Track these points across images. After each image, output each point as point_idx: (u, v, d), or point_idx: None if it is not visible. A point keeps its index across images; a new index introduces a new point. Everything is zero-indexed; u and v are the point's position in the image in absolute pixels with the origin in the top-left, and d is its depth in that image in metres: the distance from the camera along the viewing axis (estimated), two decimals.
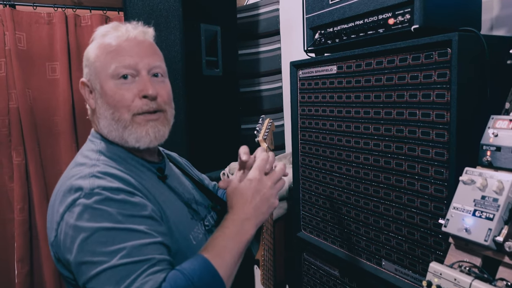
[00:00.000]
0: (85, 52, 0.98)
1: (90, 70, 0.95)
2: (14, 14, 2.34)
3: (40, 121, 2.47)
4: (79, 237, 0.75)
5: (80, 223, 0.76)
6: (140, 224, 0.78)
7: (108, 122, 0.93)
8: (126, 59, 0.92)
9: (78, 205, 0.78)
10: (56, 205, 0.84)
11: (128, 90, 0.92)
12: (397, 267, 1.28)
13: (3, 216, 2.44)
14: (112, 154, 0.92)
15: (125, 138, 0.93)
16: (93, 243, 0.74)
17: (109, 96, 0.92)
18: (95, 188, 0.79)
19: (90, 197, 0.78)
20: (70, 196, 0.80)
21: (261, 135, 1.40)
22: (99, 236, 0.75)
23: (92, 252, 0.74)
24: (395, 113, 1.22)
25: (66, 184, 0.84)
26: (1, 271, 2.45)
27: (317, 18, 1.49)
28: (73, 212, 0.78)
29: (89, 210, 0.77)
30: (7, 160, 2.41)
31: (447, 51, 1.04)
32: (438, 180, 1.11)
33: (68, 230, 0.78)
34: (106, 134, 0.95)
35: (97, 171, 0.84)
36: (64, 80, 2.48)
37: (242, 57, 2.72)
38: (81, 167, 0.87)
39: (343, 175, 1.46)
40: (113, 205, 0.78)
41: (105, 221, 0.76)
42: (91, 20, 2.54)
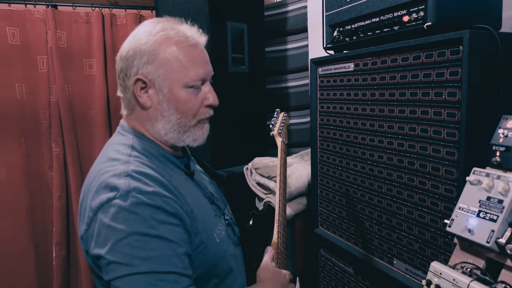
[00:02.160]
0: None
1: (156, 70, 0.91)
2: (55, 14, 2.49)
3: (77, 115, 2.62)
4: (112, 237, 0.78)
5: (114, 224, 0.78)
6: (171, 232, 0.81)
7: (170, 125, 0.94)
8: (200, 71, 0.94)
9: (114, 205, 0.79)
10: (88, 199, 0.85)
11: (196, 99, 0.95)
12: (408, 266, 1.27)
13: (43, 203, 2.62)
14: (143, 150, 0.93)
15: (183, 139, 0.96)
16: (126, 245, 0.77)
17: (181, 103, 0.93)
18: (131, 191, 0.80)
19: (126, 199, 0.79)
20: (104, 194, 0.81)
21: (276, 129, 1.42)
22: (132, 240, 0.77)
23: (123, 254, 0.77)
24: (408, 111, 1.21)
25: (99, 180, 0.85)
26: (41, 253, 2.63)
27: (335, 16, 1.50)
28: (107, 212, 0.79)
29: (124, 212, 0.78)
30: (47, 151, 2.58)
31: (459, 49, 1.02)
32: (448, 180, 1.10)
33: (101, 228, 0.79)
34: (159, 133, 0.95)
35: (132, 170, 0.84)
36: (100, 76, 2.61)
37: (269, 54, 2.75)
38: (114, 163, 0.87)
39: (358, 172, 1.46)
40: (148, 210, 0.79)
41: (139, 225, 0.78)
42: (126, 19, 2.66)
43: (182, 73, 0.92)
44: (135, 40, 0.92)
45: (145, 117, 0.95)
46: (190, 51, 0.93)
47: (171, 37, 0.92)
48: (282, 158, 1.37)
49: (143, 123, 0.96)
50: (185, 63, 0.92)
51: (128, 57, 0.92)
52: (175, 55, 0.91)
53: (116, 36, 2.67)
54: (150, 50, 0.90)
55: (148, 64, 0.91)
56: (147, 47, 0.90)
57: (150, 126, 0.95)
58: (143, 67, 0.91)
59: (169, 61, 0.91)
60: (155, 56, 0.90)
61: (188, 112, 0.94)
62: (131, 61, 0.92)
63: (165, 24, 0.94)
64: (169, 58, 0.91)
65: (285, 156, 1.39)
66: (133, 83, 0.92)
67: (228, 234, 1.04)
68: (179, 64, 0.91)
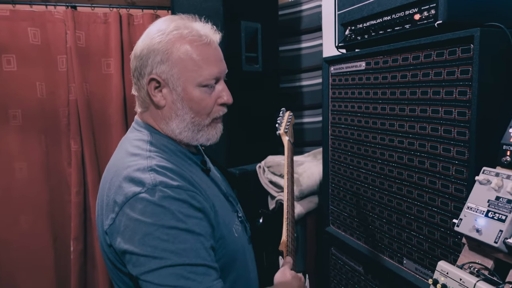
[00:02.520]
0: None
1: (170, 69, 0.91)
2: (75, 14, 2.55)
3: (95, 113, 2.69)
4: (141, 231, 0.78)
5: (142, 218, 0.78)
6: (198, 226, 0.82)
7: (184, 124, 0.94)
8: (214, 69, 0.93)
9: (141, 199, 0.79)
10: (111, 193, 0.85)
11: (210, 97, 0.95)
12: (418, 266, 1.26)
13: (62, 198, 2.69)
14: (161, 145, 0.93)
15: (197, 138, 0.97)
16: (155, 239, 0.77)
17: (195, 102, 0.93)
18: (158, 185, 0.80)
19: (153, 193, 0.79)
20: (129, 188, 0.81)
21: (282, 128, 1.43)
22: (162, 233, 0.77)
23: (154, 247, 0.77)
24: (419, 110, 1.20)
25: (122, 174, 0.85)
26: (60, 247, 2.71)
27: (347, 14, 1.50)
28: (134, 206, 0.79)
29: (152, 206, 0.78)
30: (66, 148, 2.65)
31: (470, 47, 1.01)
32: (459, 179, 1.09)
33: (128, 223, 0.79)
34: (174, 132, 0.95)
35: (155, 165, 0.85)
36: (117, 75, 2.67)
37: (283, 53, 2.75)
38: (136, 158, 0.88)
39: (369, 171, 1.46)
40: (175, 203, 0.80)
41: (167, 219, 0.78)
42: (142, 19, 2.70)
43: (196, 72, 0.91)
44: (148, 39, 0.92)
45: (160, 115, 0.96)
46: (203, 49, 0.92)
47: (185, 36, 0.91)
48: (289, 156, 1.38)
49: (157, 121, 0.97)
50: (198, 62, 0.91)
51: (142, 56, 0.92)
52: (189, 54, 0.91)
53: (133, 35, 2.72)
54: (164, 50, 0.90)
55: (161, 64, 0.91)
56: (161, 46, 0.90)
57: (165, 125, 0.96)
58: (157, 67, 0.91)
59: (182, 60, 0.90)
60: (169, 56, 0.90)
61: (202, 111, 0.94)
62: (145, 60, 0.92)
63: (179, 22, 0.94)
64: (183, 57, 0.90)
65: (291, 155, 1.40)
66: (147, 83, 0.93)
67: (242, 230, 1.05)
68: (192, 63, 0.91)
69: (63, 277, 2.72)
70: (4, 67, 2.47)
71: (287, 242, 1.20)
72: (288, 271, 1.06)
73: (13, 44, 2.47)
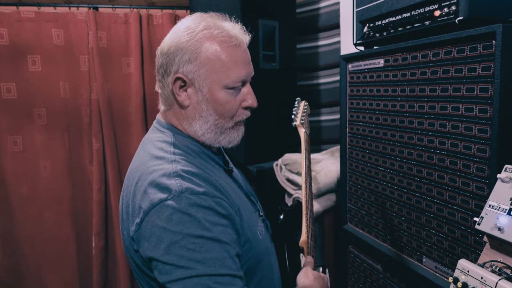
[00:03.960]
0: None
1: (198, 69, 0.89)
2: (96, 15, 2.61)
3: (116, 111, 2.74)
4: (167, 239, 0.77)
5: (169, 226, 0.77)
6: (223, 234, 0.81)
7: (207, 126, 0.93)
8: (241, 72, 0.91)
9: (167, 207, 0.78)
10: (137, 198, 0.84)
11: (235, 100, 0.93)
12: (437, 264, 1.25)
13: (84, 195, 2.76)
14: (185, 147, 0.92)
15: (219, 141, 0.95)
16: (181, 248, 0.76)
17: (220, 104, 0.91)
18: (184, 191, 0.79)
19: (179, 201, 0.78)
20: (155, 194, 0.80)
21: (298, 119, 1.37)
22: (188, 242, 0.77)
23: (180, 256, 0.76)
24: (439, 107, 1.19)
25: (147, 179, 0.84)
26: (82, 243, 2.78)
27: (366, 12, 1.49)
28: (161, 213, 0.78)
29: (179, 214, 0.78)
30: (88, 146, 2.71)
31: (492, 43, 1.00)
32: (480, 177, 1.08)
33: (154, 230, 0.79)
34: (196, 133, 0.94)
35: (181, 170, 0.83)
36: (137, 75, 2.72)
37: (301, 51, 2.75)
38: (160, 162, 0.86)
39: (387, 169, 1.45)
40: (201, 211, 0.79)
41: (194, 227, 0.77)
42: (162, 19, 2.74)
43: (223, 74, 0.90)
44: (177, 36, 0.90)
45: (183, 115, 0.94)
46: (232, 51, 0.90)
47: (215, 36, 0.89)
48: (306, 149, 1.34)
49: (181, 121, 0.95)
50: (227, 64, 0.89)
51: (169, 53, 0.90)
52: (218, 55, 0.89)
53: (152, 35, 2.77)
54: (193, 49, 0.88)
55: (189, 63, 0.89)
56: (189, 45, 0.88)
57: (188, 125, 0.94)
58: (184, 65, 0.89)
59: (211, 61, 0.89)
60: (197, 55, 0.88)
61: (227, 114, 0.93)
62: (172, 57, 0.90)
63: (209, 21, 0.91)
64: (211, 58, 0.89)
65: (309, 148, 1.36)
66: (172, 81, 0.91)
67: (265, 231, 1.05)
68: (221, 64, 0.89)
69: (86, 271, 2.79)
70: (30, 67, 2.55)
71: (307, 239, 1.19)
72: (310, 272, 1.04)
73: (38, 45, 2.54)
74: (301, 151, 1.34)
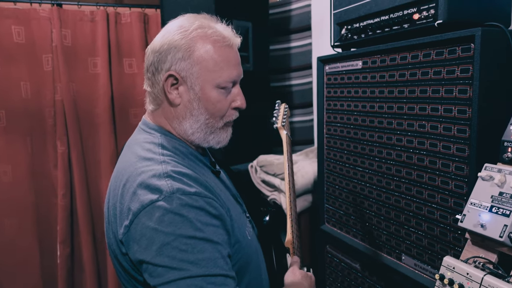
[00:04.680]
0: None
1: (191, 67, 0.89)
2: (60, 12, 2.49)
3: (82, 113, 2.62)
4: (159, 240, 0.76)
5: (160, 227, 0.76)
6: (215, 234, 0.80)
7: (198, 125, 0.93)
8: (233, 72, 0.93)
9: (158, 208, 0.77)
10: (125, 200, 0.83)
11: (226, 100, 0.94)
12: (417, 262, 1.28)
13: (48, 201, 2.62)
14: (173, 148, 0.92)
15: (208, 140, 0.96)
16: (174, 249, 0.75)
17: (211, 103, 0.92)
18: (175, 192, 0.79)
19: (171, 201, 0.77)
20: (145, 195, 0.79)
21: (280, 121, 1.40)
22: (180, 243, 0.76)
23: (172, 258, 0.75)
24: (418, 109, 1.22)
25: (136, 180, 0.82)
26: (46, 251, 2.64)
27: (344, 14, 1.51)
28: (151, 214, 0.77)
29: (170, 215, 0.77)
30: (52, 149, 2.58)
31: (470, 46, 1.04)
32: (459, 176, 1.11)
33: (145, 231, 0.77)
34: (186, 132, 0.94)
35: (171, 170, 0.83)
36: (104, 75, 2.61)
37: (273, 52, 2.76)
38: (149, 162, 0.85)
39: (366, 169, 1.47)
40: (193, 212, 0.78)
41: (186, 228, 0.76)
42: (130, 17, 2.66)
43: (216, 73, 0.90)
44: (169, 35, 0.90)
45: (173, 114, 0.94)
46: (225, 51, 0.91)
47: (208, 36, 0.90)
48: (288, 151, 1.35)
49: (170, 120, 0.95)
50: (220, 63, 0.90)
51: (161, 51, 0.90)
52: (211, 54, 0.89)
53: (120, 34, 2.68)
54: (186, 47, 0.88)
55: (182, 61, 0.89)
56: (183, 43, 0.89)
57: (177, 124, 0.94)
58: (177, 63, 0.89)
59: (204, 59, 0.89)
60: (191, 53, 0.89)
61: (217, 113, 0.94)
62: (164, 55, 0.90)
63: (202, 21, 0.92)
64: (205, 56, 0.89)
65: (290, 149, 1.38)
66: (164, 79, 0.90)
67: (253, 232, 1.05)
68: (214, 64, 0.90)
69: (50, 281, 2.65)
70: None
71: (293, 239, 1.20)
72: (297, 271, 1.06)
73: None
74: (283, 153, 1.35)
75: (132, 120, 2.74)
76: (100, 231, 2.73)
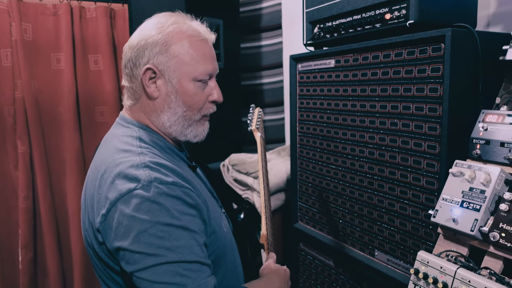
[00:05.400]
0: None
1: (168, 61, 0.92)
2: (20, 5, 2.36)
3: (44, 111, 2.50)
4: (136, 228, 0.77)
5: (137, 214, 0.77)
6: (191, 223, 0.82)
7: (175, 117, 0.95)
8: (209, 66, 0.96)
9: (136, 196, 0.78)
10: (102, 190, 0.84)
11: (203, 93, 0.97)
12: (389, 257, 1.31)
13: (8, 204, 2.48)
14: (151, 141, 0.93)
15: (185, 134, 0.98)
16: (151, 236, 0.77)
17: (188, 96, 0.94)
18: (153, 181, 0.80)
19: (148, 190, 0.79)
20: (123, 184, 0.80)
21: (254, 124, 1.44)
22: (157, 230, 0.77)
23: (149, 244, 0.76)
24: (390, 107, 1.24)
25: (114, 171, 0.83)
26: (6, 257, 2.49)
27: (316, 12, 1.52)
28: (129, 202, 0.78)
29: (148, 203, 0.78)
30: (12, 149, 2.44)
31: (440, 46, 1.06)
32: (430, 172, 1.14)
33: (122, 219, 0.78)
34: (164, 125, 0.96)
35: (149, 161, 0.84)
36: (68, 71, 2.50)
37: (244, 50, 2.74)
38: (127, 154, 0.86)
39: (339, 167, 1.49)
40: (170, 200, 0.80)
41: (162, 216, 0.78)
42: (96, 12, 2.56)
43: (192, 66, 0.93)
44: (146, 31, 0.93)
45: (151, 108, 0.96)
46: (201, 45, 0.95)
47: (184, 31, 0.94)
48: (263, 152, 1.39)
49: (148, 114, 0.97)
50: (196, 57, 0.93)
51: (139, 46, 0.93)
52: (187, 49, 0.93)
53: (85, 29, 2.57)
54: (163, 41, 0.92)
55: (160, 55, 0.92)
56: (159, 38, 0.92)
57: (156, 117, 0.96)
58: (154, 57, 0.92)
59: (180, 53, 0.92)
60: (168, 47, 0.92)
61: (194, 105, 0.96)
62: (141, 50, 0.92)
63: (178, 18, 0.96)
64: (181, 51, 0.92)
65: (264, 151, 1.42)
66: (142, 72, 0.93)
67: (228, 226, 1.07)
68: (190, 57, 0.93)
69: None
70: None
71: (267, 235, 1.21)
72: (273, 265, 1.10)
73: None
74: (258, 154, 1.38)
75: (98, 118, 2.65)
76: (65, 233, 2.63)
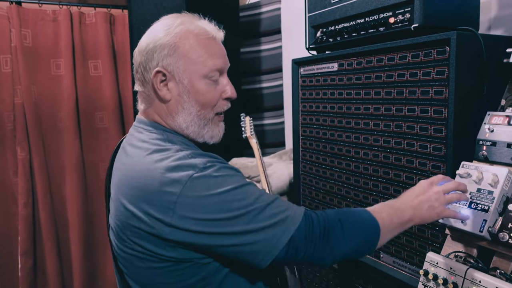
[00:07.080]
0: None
1: (176, 61, 0.92)
2: (20, 11, 2.36)
3: (44, 117, 2.50)
4: (216, 203, 0.80)
5: (210, 192, 0.80)
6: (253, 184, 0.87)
7: (191, 117, 0.95)
8: (218, 61, 0.96)
9: (198, 178, 0.80)
10: (155, 192, 0.82)
11: (215, 90, 0.97)
12: (395, 259, 1.31)
13: (8, 210, 2.47)
14: (178, 141, 0.94)
15: (202, 134, 0.98)
16: (233, 202, 0.80)
17: (201, 94, 0.94)
18: (207, 163, 0.83)
19: (206, 170, 0.82)
20: (180, 174, 0.81)
21: (248, 131, 1.47)
22: (234, 195, 0.81)
23: (237, 209, 0.80)
24: (395, 109, 1.25)
25: (158, 168, 0.83)
26: (5, 264, 2.48)
27: (319, 17, 1.53)
28: (195, 186, 0.80)
29: (213, 179, 0.81)
30: (11, 155, 2.43)
31: (445, 49, 1.08)
32: (436, 174, 1.15)
33: (195, 202, 0.80)
34: (181, 127, 0.96)
35: (192, 152, 0.86)
36: (68, 77, 2.50)
37: (244, 55, 2.75)
38: (166, 152, 0.86)
39: (343, 170, 1.49)
40: (228, 170, 0.85)
41: (231, 182, 0.82)
42: (95, 17, 2.57)
43: (201, 64, 0.93)
44: (154, 34, 0.94)
45: (165, 111, 0.96)
46: (208, 43, 0.95)
47: (191, 30, 0.94)
48: (260, 156, 1.43)
49: (163, 118, 0.97)
50: (203, 54, 0.94)
51: (148, 50, 0.94)
52: (194, 47, 0.93)
53: (85, 35, 2.58)
54: (171, 43, 0.92)
55: (168, 56, 0.92)
56: (167, 40, 0.92)
57: (171, 120, 0.96)
58: (163, 59, 0.92)
59: (188, 52, 0.93)
60: (176, 48, 0.92)
61: (208, 103, 0.96)
62: (150, 54, 0.93)
63: (185, 18, 0.97)
64: (189, 49, 0.93)
65: (261, 154, 1.47)
66: (153, 76, 0.93)
67: None
68: (198, 55, 0.93)
69: None
70: None
71: None
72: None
73: None
74: (256, 159, 1.41)
75: (98, 124, 2.64)
76: (65, 240, 2.61)
